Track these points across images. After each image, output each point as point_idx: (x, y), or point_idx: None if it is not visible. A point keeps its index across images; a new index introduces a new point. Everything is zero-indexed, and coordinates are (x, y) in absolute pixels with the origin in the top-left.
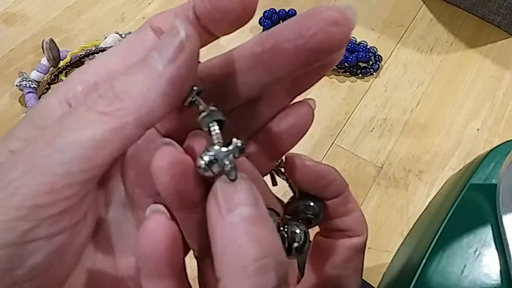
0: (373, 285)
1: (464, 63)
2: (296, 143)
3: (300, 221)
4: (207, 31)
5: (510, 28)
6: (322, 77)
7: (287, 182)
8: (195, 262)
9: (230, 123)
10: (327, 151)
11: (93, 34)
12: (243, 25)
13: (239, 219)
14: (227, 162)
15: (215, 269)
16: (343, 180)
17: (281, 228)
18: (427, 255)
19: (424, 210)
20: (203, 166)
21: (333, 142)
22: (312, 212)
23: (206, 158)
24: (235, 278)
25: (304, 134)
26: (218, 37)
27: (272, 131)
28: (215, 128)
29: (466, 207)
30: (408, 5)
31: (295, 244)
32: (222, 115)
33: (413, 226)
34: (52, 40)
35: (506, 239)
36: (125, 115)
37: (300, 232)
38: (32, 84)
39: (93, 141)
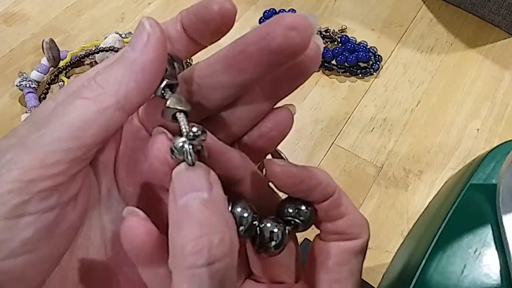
0: (373, 285)
1: (464, 63)
2: (277, 145)
3: (288, 222)
4: (194, 41)
5: (510, 28)
6: (301, 84)
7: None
8: None
9: (215, 128)
10: (327, 151)
11: (93, 34)
12: (225, 34)
13: (189, 204)
14: (185, 148)
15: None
16: (332, 183)
17: (259, 225)
18: (427, 255)
19: (424, 210)
20: (169, 154)
21: (333, 142)
22: (299, 216)
23: (171, 148)
24: (175, 258)
25: (284, 137)
26: (205, 46)
27: (254, 135)
28: (180, 117)
29: (466, 207)
30: (408, 5)
31: (273, 243)
32: (186, 105)
33: (413, 226)
34: (52, 40)
35: (506, 239)
36: (105, 98)
37: (277, 231)
38: (32, 84)
39: (78, 122)
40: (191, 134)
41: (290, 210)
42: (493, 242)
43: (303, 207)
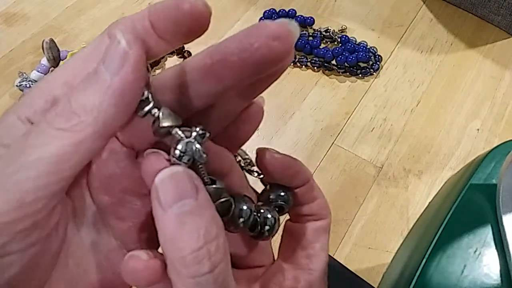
0: (373, 285)
1: (464, 63)
2: (250, 137)
3: (276, 207)
4: (164, 40)
5: (510, 28)
6: (274, 81)
7: (259, 176)
8: None
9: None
10: (327, 151)
11: (93, 34)
12: (200, 36)
13: (179, 214)
14: (195, 148)
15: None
16: (307, 170)
17: (255, 214)
18: (427, 255)
19: (424, 210)
20: (174, 158)
21: (333, 142)
22: (283, 200)
23: (177, 152)
24: (175, 268)
25: (256, 129)
26: (180, 45)
27: (229, 130)
28: (176, 131)
29: (466, 207)
30: (408, 5)
31: (267, 227)
32: (177, 118)
33: (413, 226)
34: (52, 40)
35: (506, 239)
36: (83, 129)
37: (271, 217)
38: (32, 84)
39: (56, 156)
40: (198, 133)
41: (277, 195)
42: (493, 242)
43: (286, 193)
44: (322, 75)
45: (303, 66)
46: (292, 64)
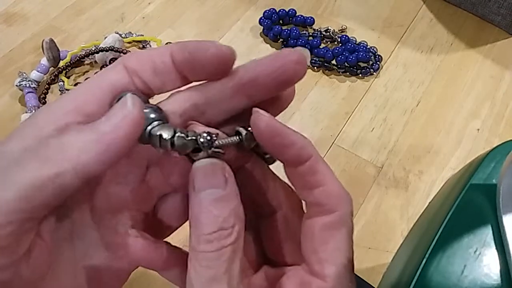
0: (373, 285)
1: (464, 63)
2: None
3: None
4: (183, 76)
5: (510, 28)
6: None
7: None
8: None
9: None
10: (327, 151)
11: (93, 34)
12: (221, 78)
13: (206, 199)
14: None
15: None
16: (309, 149)
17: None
18: (427, 255)
19: (424, 210)
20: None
21: (333, 142)
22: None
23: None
24: (191, 241)
25: (284, 108)
26: (191, 81)
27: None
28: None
29: (466, 207)
30: (408, 5)
31: (202, 140)
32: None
33: (413, 226)
34: (52, 40)
35: (506, 239)
36: (63, 163)
37: (204, 134)
38: (32, 84)
39: (31, 184)
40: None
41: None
42: (493, 242)
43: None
44: (322, 75)
45: None
46: None
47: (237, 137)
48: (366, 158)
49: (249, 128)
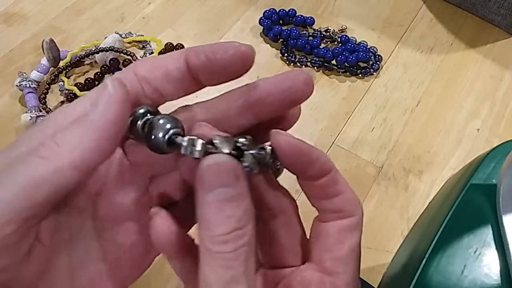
0: (373, 285)
1: (464, 63)
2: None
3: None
4: (197, 81)
5: (510, 28)
6: None
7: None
8: None
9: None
10: (327, 151)
11: (93, 34)
12: (239, 77)
13: (216, 199)
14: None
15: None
16: (329, 162)
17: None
18: (427, 255)
19: (424, 210)
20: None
21: (333, 142)
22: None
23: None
24: (205, 244)
25: (291, 126)
26: (204, 86)
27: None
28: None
29: (466, 207)
30: (408, 5)
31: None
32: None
33: (413, 226)
34: (52, 40)
35: (506, 239)
36: (60, 158)
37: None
38: (32, 84)
39: (31, 181)
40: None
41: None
42: (493, 242)
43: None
44: (322, 75)
45: (303, 66)
46: (292, 64)
47: (263, 152)
48: (366, 158)
49: (268, 146)
